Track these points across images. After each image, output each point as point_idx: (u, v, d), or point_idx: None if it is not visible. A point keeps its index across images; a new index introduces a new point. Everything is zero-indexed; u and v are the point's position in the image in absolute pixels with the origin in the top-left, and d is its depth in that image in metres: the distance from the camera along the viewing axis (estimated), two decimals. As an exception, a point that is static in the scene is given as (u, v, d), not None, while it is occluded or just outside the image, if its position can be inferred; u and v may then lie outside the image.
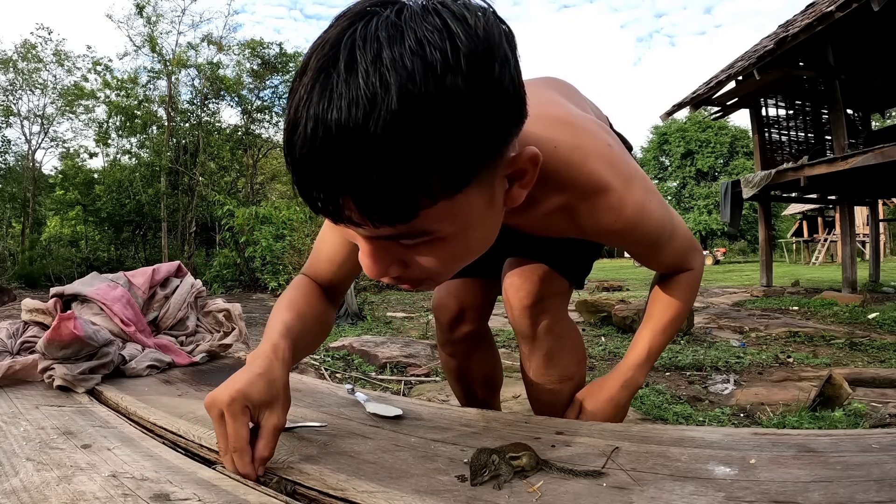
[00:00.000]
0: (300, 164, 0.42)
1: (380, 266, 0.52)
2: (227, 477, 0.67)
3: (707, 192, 26.68)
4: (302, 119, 0.40)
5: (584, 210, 0.70)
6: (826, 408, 1.95)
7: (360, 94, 0.38)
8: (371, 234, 0.47)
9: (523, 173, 0.52)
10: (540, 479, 0.62)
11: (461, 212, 0.47)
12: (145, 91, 13.93)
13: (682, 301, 0.93)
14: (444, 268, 0.54)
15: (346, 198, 0.42)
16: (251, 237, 8.57)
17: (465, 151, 0.41)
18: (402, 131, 0.38)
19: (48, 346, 1.12)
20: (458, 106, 0.39)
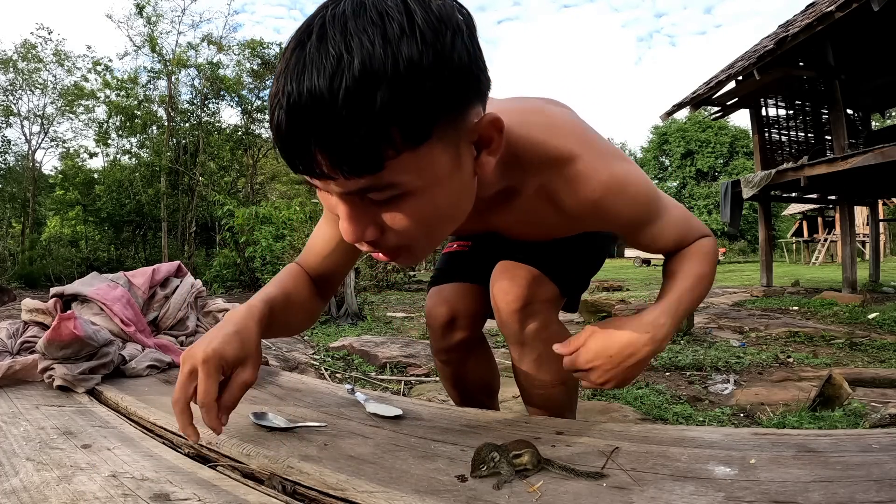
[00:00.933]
0: (279, 124, 0.46)
1: (356, 227, 0.54)
2: (228, 477, 0.67)
3: (707, 192, 26.66)
4: (280, 85, 0.46)
5: (561, 186, 0.72)
6: (826, 408, 1.95)
7: (327, 58, 0.44)
8: (344, 189, 0.51)
9: (489, 140, 0.56)
10: (540, 478, 0.62)
11: (426, 166, 0.50)
12: (145, 91, 13.94)
13: (704, 263, 0.83)
14: (417, 230, 0.56)
15: (317, 150, 0.47)
16: (251, 237, 8.57)
17: (420, 107, 0.46)
18: (363, 89, 0.43)
19: (48, 346, 1.12)
20: (411, 67, 0.44)
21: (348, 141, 0.45)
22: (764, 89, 7.73)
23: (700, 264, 0.84)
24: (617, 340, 0.75)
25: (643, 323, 0.76)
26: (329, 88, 0.43)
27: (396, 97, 0.44)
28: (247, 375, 0.67)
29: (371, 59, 0.43)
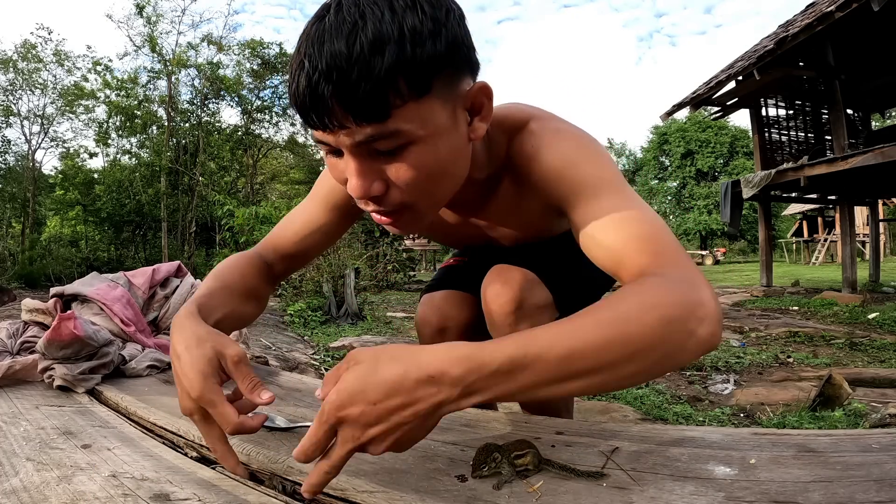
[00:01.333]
0: (302, 81, 0.53)
1: (364, 182, 0.59)
2: (227, 477, 0.67)
3: (707, 192, 26.65)
4: (302, 49, 0.54)
5: (516, 149, 0.74)
6: (826, 408, 1.95)
7: (344, 25, 0.52)
8: (355, 139, 0.55)
9: (480, 106, 0.63)
10: (540, 478, 0.62)
11: (427, 117, 0.57)
12: (145, 91, 13.94)
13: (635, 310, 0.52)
14: (419, 185, 0.60)
15: (335, 100, 0.53)
16: (251, 237, 8.56)
17: (421, 64, 0.53)
18: (374, 47, 0.51)
19: (48, 346, 1.12)
20: (414, 32, 0.53)
21: (361, 90, 0.52)
22: (764, 89, 7.74)
23: (626, 307, 0.53)
24: (381, 378, 0.49)
25: (434, 354, 0.50)
26: (346, 46, 0.51)
27: (401, 55, 0.52)
28: (233, 352, 0.61)
29: (381, 24, 0.52)
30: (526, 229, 0.89)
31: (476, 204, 0.83)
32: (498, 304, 0.88)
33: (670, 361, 0.54)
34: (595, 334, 0.51)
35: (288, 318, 5.32)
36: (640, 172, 31.94)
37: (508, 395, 0.51)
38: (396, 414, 0.49)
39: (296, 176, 18.51)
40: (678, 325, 0.52)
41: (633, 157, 34.62)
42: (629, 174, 33.52)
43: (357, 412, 0.49)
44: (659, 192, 29.66)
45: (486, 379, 0.49)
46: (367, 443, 0.50)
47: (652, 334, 0.51)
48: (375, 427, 0.49)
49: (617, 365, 0.51)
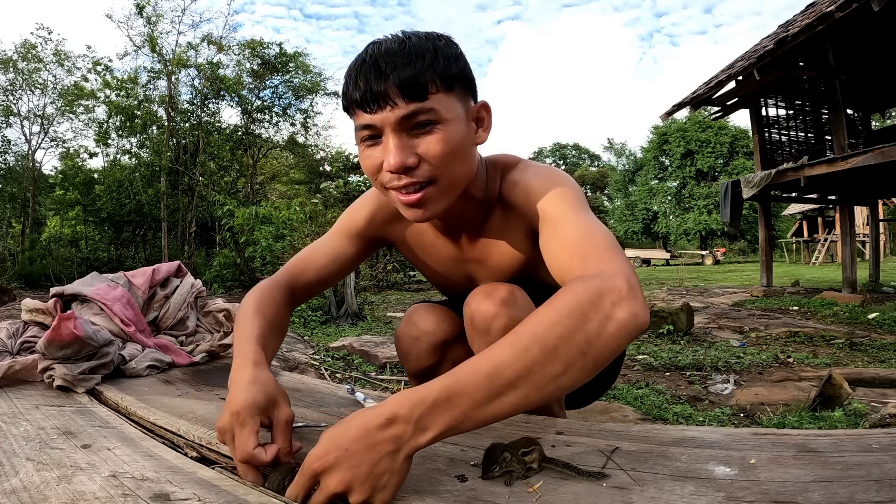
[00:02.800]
0: (366, 73, 0.73)
1: (402, 154, 0.73)
2: (227, 477, 0.67)
3: (707, 192, 26.63)
4: (364, 55, 0.75)
5: (508, 184, 0.87)
6: (826, 408, 1.95)
7: (395, 40, 0.75)
8: (400, 115, 0.72)
9: (482, 120, 0.83)
10: (540, 478, 0.62)
11: (451, 107, 0.76)
12: (145, 91, 13.92)
13: (546, 326, 0.57)
14: (443, 160, 0.75)
15: (391, 82, 0.71)
16: (251, 237, 8.56)
17: (447, 69, 0.75)
18: (418, 52, 0.73)
19: (48, 346, 1.12)
20: (441, 50, 0.75)
21: (409, 75, 0.72)
22: (764, 89, 7.74)
23: (539, 313, 0.58)
24: (349, 428, 0.57)
25: (387, 402, 0.58)
26: (399, 50, 0.73)
27: (434, 61, 0.74)
28: (285, 413, 0.70)
29: (420, 43, 0.74)
30: (510, 262, 0.94)
31: (472, 226, 0.93)
32: (481, 315, 0.87)
33: (594, 350, 0.57)
34: (514, 344, 0.57)
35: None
36: (640, 172, 31.91)
37: (457, 423, 0.56)
38: (365, 455, 0.55)
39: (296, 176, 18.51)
40: (590, 312, 0.57)
41: (633, 157, 34.59)
42: (629, 174, 33.50)
43: (332, 458, 0.56)
44: (659, 192, 29.64)
45: (430, 410, 0.56)
46: (347, 489, 0.55)
47: (564, 326, 0.56)
48: (351, 471, 0.55)
49: (541, 366, 0.56)
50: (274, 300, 0.91)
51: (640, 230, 30.97)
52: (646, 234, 31.47)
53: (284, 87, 15.15)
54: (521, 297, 0.90)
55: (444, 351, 1.07)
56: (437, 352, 1.06)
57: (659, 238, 31.65)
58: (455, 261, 0.99)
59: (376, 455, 0.55)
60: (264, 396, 0.69)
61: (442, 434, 0.56)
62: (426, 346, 1.05)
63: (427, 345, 1.05)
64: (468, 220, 0.91)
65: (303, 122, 15.79)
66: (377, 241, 1.03)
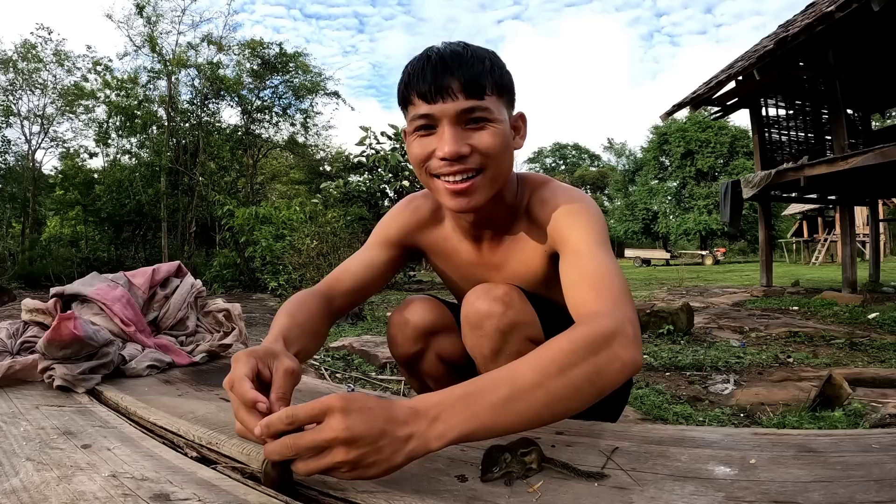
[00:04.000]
0: (430, 67, 0.80)
1: (457, 143, 0.80)
2: (227, 477, 0.67)
3: (707, 192, 26.60)
4: (426, 52, 0.83)
5: (536, 201, 0.93)
6: (826, 408, 1.95)
7: (456, 46, 0.83)
8: (459, 109, 0.80)
9: (519, 128, 0.91)
10: (540, 478, 0.62)
11: (500, 109, 0.84)
12: (145, 91, 13.90)
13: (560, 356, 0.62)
14: (491, 152, 0.82)
15: (454, 78, 0.79)
16: (251, 237, 8.57)
17: (500, 78, 0.84)
18: (478, 57, 0.82)
19: (48, 346, 1.12)
20: (497, 61, 0.85)
21: (471, 73, 0.80)
22: (764, 89, 7.73)
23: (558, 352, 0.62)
24: (375, 412, 0.57)
25: (411, 399, 0.60)
26: (463, 52, 0.81)
27: (492, 67, 0.82)
28: (285, 363, 0.70)
29: (479, 51, 0.83)
30: (525, 274, 0.97)
31: (496, 231, 0.98)
32: (478, 316, 0.88)
33: (600, 381, 0.63)
34: (534, 362, 0.62)
35: (288, 318, 5.32)
36: (640, 172, 31.89)
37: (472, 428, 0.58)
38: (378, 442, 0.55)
39: (296, 176, 18.50)
40: (602, 348, 0.64)
41: (633, 157, 34.58)
42: (629, 174, 33.48)
43: (358, 405, 0.56)
44: (659, 192, 29.63)
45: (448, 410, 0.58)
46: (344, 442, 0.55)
47: (579, 356, 0.62)
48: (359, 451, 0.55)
49: (555, 386, 0.60)
50: (307, 305, 0.93)
51: (640, 230, 30.96)
52: (646, 234, 31.46)
53: (284, 87, 15.13)
54: (518, 299, 0.90)
55: (428, 340, 1.08)
56: (421, 339, 1.07)
57: (659, 238, 31.64)
58: (474, 265, 1.03)
59: (387, 442, 0.56)
60: (263, 350, 0.71)
61: (456, 438, 0.58)
62: (411, 333, 1.07)
63: (412, 331, 1.07)
64: (495, 222, 0.96)
65: (303, 122, 15.77)
66: (408, 249, 1.08)
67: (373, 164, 11.98)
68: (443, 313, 1.08)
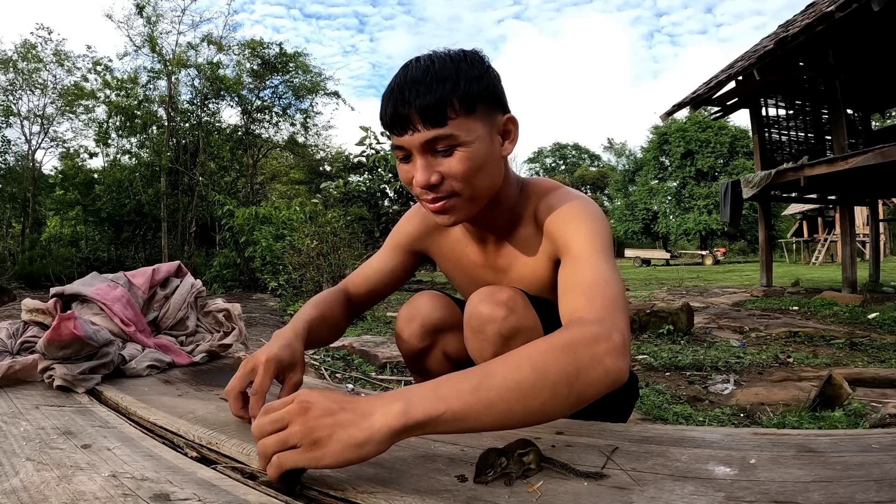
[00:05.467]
0: (392, 99, 0.80)
1: (427, 173, 0.81)
2: (227, 477, 0.67)
3: (707, 192, 26.60)
4: (395, 81, 0.81)
5: (542, 206, 0.93)
6: (826, 408, 1.95)
7: (420, 68, 0.80)
8: (422, 139, 0.79)
9: (508, 133, 0.88)
10: (540, 478, 0.62)
11: (472, 129, 0.81)
12: (145, 91, 13.88)
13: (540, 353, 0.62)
14: (464, 177, 0.82)
15: (413, 110, 0.78)
16: (251, 237, 8.57)
17: (469, 93, 0.80)
18: (440, 80, 0.78)
19: (48, 346, 1.12)
20: (465, 74, 0.80)
21: (429, 103, 0.77)
22: (764, 89, 7.74)
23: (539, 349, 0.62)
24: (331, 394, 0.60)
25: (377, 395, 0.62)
26: (423, 78, 0.78)
27: (455, 86, 0.78)
28: (296, 377, 0.88)
29: (444, 68, 0.79)
30: (531, 278, 0.97)
31: (499, 234, 0.99)
32: (479, 320, 0.88)
33: (579, 384, 0.61)
34: (507, 359, 0.62)
35: (288, 317, 5.33)
36: (640, 172, 31.89)
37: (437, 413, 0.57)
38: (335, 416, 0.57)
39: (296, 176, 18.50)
40: (582, 350, 0.62)
41: (633, 157, 34.58)
42: (629, 174, 33.49)
43: (298, 409, 0.58)
44: (659, 192, 29.63)
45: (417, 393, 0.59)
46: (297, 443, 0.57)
47: (556, 356, 0.61)
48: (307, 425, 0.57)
49: (530, 385, 0.59)
50: (330, 300, 1.06)
51: (640, 230, 30.96)
52: (646, 234, 31.46)
53: (284, 87, 15.13)
54: (522, 303, 0.90)
55: (436, 336, 1.08)
56: (429, 335, 1.07)
57: (659, 238, 31.66)
58: (480, 267, 1.04)
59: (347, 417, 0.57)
60: (289, 357, 0.87)
61: (422, 419, 0.57)
62: (418, 328, 1.07)
63: (420, 326, 1.07)
64: (496, 226, 0.98)
65: (303, 122, 15.77)
66: (420, 254, 1.13)
67: (373, 164, 11.98)
68: (452, 311, 1.08)
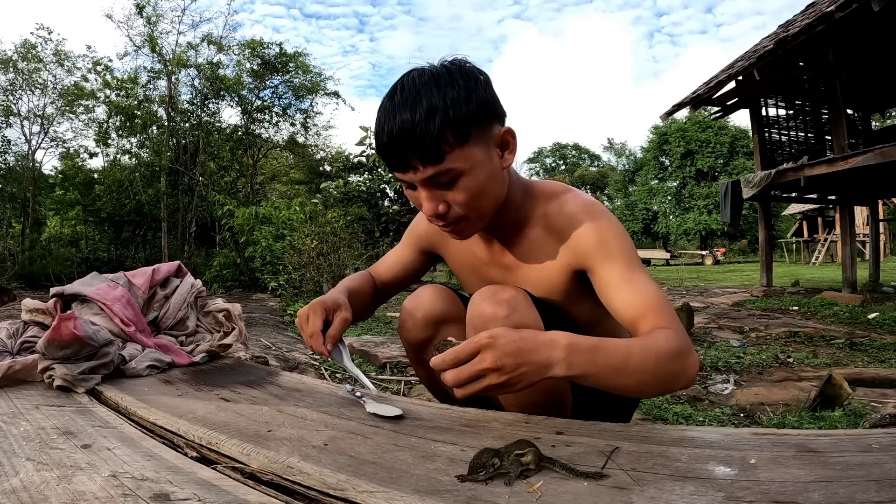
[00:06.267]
0: (386, 143, 0.81)
1: (433, 204, 0.85)
2: (227, 477, 0.67)
3: (707, 192, 26.59)
4: (383, 120, 0.81)
5: (556, 210, 0.95)
6: (826, 408, 1.95)
7: (407, 99, 0.80)
8: (423, 176, 0.82)
9: (507, 144, 0.89)
10: (540, 478, 0.62)
11: (469, 156, 0.82)
12: (145, 91, 13.88)
13: (656, 352, 0.77)
14: (469, 203, 0.85)
15: (409, 153, 0.80)
16: (251, 237, 8.56)
17: (461, 122, 0.80)
18: (428, 116, 0.78)
19: (48, 346, 1.12)
20: (454, 101, 0.79)
21: (423, 145, 0.79)
22: (764, 89, 7.73)
23: (654, 351, 0.76)
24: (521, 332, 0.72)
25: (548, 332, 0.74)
26: (411, 119, 0.78)
27: (446, 117, 0.78)
28: (343, 314, 0.97)
29: (431, 98, 0.79)
30: (539, 277, 0.98)
31: (505, 234, 1.00)
32: (482, 319, 0.88)
33: (667, 384, 0.80)
34: (646, 346, 0.77)
35: (288, 318, 5.32)
36: (640, 172, 31.89)
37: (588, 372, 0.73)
38: (523, 355, 0.70)
39: (296, 176, 18.48)
40: (679, 362, 0.78)
41: (633, 157, 34.57)
42: (629, 174, 33.49)
43: (503, 341, 0.69)
44: (659, 192, 29.62)
45: (580, 351, 0.73)
46: (495, 370, 0.69)
47: (671, 357, 0.77)
48: (506, 359, 0.69)
49: (652, 371, 0.76)
50: (361, 278, 1.16)
51: (640, 230, 30.95)
52: (646, 234, 31.45)
53: (284, 87, 15.11)
54: (524, 304, 0.90)
55: (438, 328, 1.08)
56: (431, 326, 1.08)
57: (659, 238, 31.66)
58: (487, 265, 1.06)
59: (531, 359, 0.70)
60: (332, 302, 0.98)
61: (578, 374, 0.72)
62: (422, 319, 1.08)
63: (423, 317, 1.08)
64: (501, 228, 0.99)
65: (303, 122, 15.75)
66: (430, 255, 1.18)
67: (373, 164, 11.97)
68: (455, 304, 1.09)
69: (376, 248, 8.92)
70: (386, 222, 10.78)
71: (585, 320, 1.02)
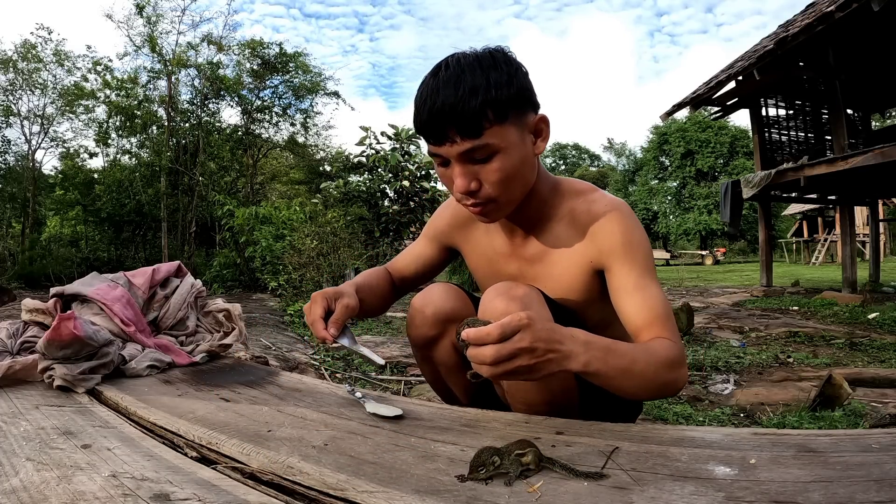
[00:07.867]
0: (427, 117, 0.84)
1: (465, 181, 0.86)
2: (227, 477, 0.67)
3: (707, 192, 26.57)
4: (425, 95, 0.84)
5: (582, 207, 0.97)
6: (826, 408, 1.95)
7: (451, 77, 0.82)
8: (460, 150, 0.84)
9: (541, 131, 0.91)
10: (540, 478, 0.62)
11: (506, 135, 0.85)
12: (145, 91, 13.86)
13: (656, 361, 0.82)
14: (501, 182, 0.87)
15: (449, 126, 0.82)
16: (251, 237, 8.56)
17: (501, 102, 0.82)
18: (471, 94, 0.80)
19: (48, 346, 1.12)
20: (496, 83, 0.82)
21: (464, 119, 0.81)
22: (764, 89, 7.73)
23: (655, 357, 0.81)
24: (547, 323, 0.74)
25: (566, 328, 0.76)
26: (454, 95, 0.81)
27: (487, 96, 0.81)
28: (345, 301, 0.97)
29: (474, 79, 0.81)
30: (560, 273, 1.00)
31: (529, 225, 1.02)
32: (491, 306, 0.88)
33: (660, 390, 0.85)
34: (648, 353, 0.82)
35: (288, 317, 5.32)
36: (640, 172, 31.86)
37: (599, 371, 0.75)
38: (549, 344, 0.71)
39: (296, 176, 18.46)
40: (674, 372, 0.83)
41: (633, 157, 34.55)
42: (629, 174, 33.47)
43: (539, 325, 0.71)
44: (659, 192, 29.60)
45: (594, 350, 0.75)
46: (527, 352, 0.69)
47: (666, 366, 0.82)
48: (536, 343, 0.69)
49: (652, 377, 0.80)
50: (376, 274, 1.17)
51: (640, 230, 30.85)
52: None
53: (284, 87, 15.09)
54: (537, 302, 0.89)
55: (446, 326, 1.07)
56: (440, 324, 1.07)
57: (659, 238, 31.62)
58: (505, 257, 1.07)
59: (558, 347, 0.72)
60: (334, 292, 0.98)
61: (592, 370, 0.75)
62: (430, 317, 1.07)
63: (431, 315, 1.07)
64: (526, 218, 1.01)
65: (303, 122, 15.72)
66: (449, 249, 1.19)
67: (373, 164, 11.97)
68: (464, 303, 1.09)
69: (376, 248, 8.92)
70: (386, 222, 10.78)
71: (595, 322, 1.01)
